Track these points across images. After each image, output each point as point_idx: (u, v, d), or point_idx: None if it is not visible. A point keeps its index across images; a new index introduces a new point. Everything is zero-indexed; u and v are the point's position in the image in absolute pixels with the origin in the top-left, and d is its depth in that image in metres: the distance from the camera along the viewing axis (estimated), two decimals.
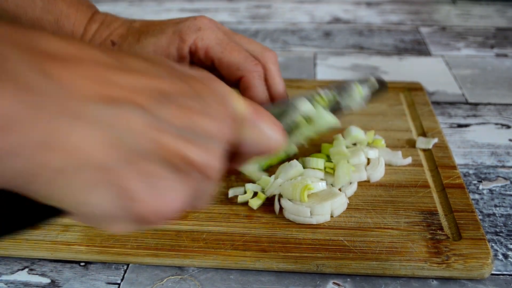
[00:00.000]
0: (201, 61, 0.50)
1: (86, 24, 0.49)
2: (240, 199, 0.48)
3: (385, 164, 0.52)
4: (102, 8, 0.55)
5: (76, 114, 0.21)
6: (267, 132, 0.32)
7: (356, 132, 0.56)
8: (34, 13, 0.48)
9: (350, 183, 0.49)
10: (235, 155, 0.34)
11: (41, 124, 0.19)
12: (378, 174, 0.50)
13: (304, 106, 0.46)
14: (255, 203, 0.46)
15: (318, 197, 0.46)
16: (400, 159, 0.52)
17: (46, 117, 0.19)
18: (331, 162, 0.51)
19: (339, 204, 0.46)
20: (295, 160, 0.49)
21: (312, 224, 0.45)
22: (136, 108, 0.23)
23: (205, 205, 0.32)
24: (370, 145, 0.55)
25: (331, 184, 0.48)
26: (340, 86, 0.51)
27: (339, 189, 0.48)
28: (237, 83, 0.50)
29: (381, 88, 0.57)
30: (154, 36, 0.48)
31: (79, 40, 0.23)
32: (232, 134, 0.29)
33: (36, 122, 0.19)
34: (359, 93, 0.52)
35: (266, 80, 0.49)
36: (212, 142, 0.26)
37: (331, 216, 0.45)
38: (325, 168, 0.50)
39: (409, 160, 0.53)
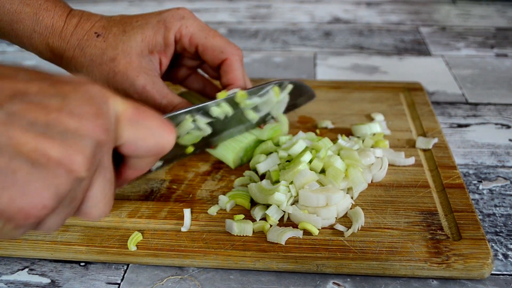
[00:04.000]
0: (185, 48, 0.52)
1: (66, 17, 0.50)
2: (259, 217, 0.46)
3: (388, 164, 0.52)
4: (102, 8, 0.55)
5: None
6: (153, 130, 0.32)
7: (377, 128, 0.57)
8: (12, 6, 0.48)
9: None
10: (131, 161, 0.34)
11: None
12: (382, 174, 0.50)
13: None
14: (274, 218, 0.45)
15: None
16: (403, 159, 0.52)
17: None
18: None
19: (344, 207, 0.45)
20: (307, 169, 0.47)
21: None
22: None
23: (105, 210, 0.31)
24: (373, 145, 0.55)
25: (346, 191, 0.48)
26: (256, 90, 0.50)
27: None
28: (219, 67, 0.52)
29: (305, 94, 0.56)
30: (140, 26, 0.50)
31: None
32: (101, 132, 0.28)
33: None
34: (276, 97, 0.51)
35: None
36: (71, 137, 0.26)
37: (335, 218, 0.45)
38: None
39: (412, 160, 0.53)
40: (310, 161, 0.49)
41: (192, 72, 0.58)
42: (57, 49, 0.50)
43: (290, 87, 0.53)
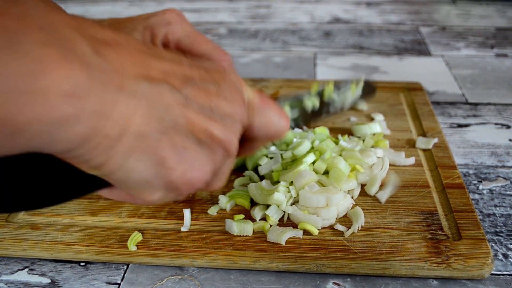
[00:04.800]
0: None
1: None
2: (259, 217, 0.45)
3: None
4: (102, 8, 0.55)
5: (121, 87, 0.24)
6: (274, 118, 0.36)
7: (376, 128, 0.57)
8: None
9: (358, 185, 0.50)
10: (247, 140, 0.38)
11: (94, 93, 0.22)
12: (383, 174, 0.50)
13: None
14: (274, 218, 0.45)
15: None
16: (404, 159, 0.52)
17: (99, 87, 0.23)
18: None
19: (345, 208, 0.45)
20: (307, 169, 0.47)
21: None
22: (170, 87, 0.27)
23: (223, 184, 0.34)
24: (373, 145, 0.55)
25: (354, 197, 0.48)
26: (337, 85, 0.56)
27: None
28: None
29: (371, 90, 0.63)
30: (127, 33, 0.49)
31: (122, 31, 0.30)
32: (245, 117, 0.32)
33: (92, 91, 0.22)
34: (352, 93, 0.58)
35: None
36: (228, 120, 0.30)
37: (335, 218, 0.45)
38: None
39: (412, 160, 0.52)
40: (314, 162, 0.49)
41: None
42: None
43: (362, 83, 0.60)
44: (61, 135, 0.22)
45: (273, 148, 0.52)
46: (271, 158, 0.51)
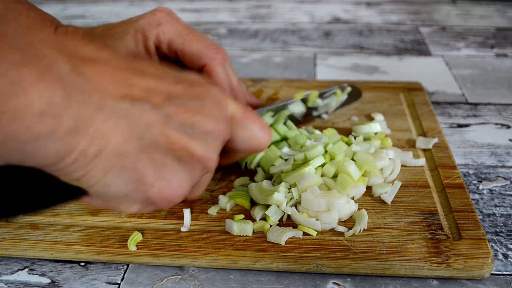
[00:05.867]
0: (165, 54, 0.51)
1: None
2: (259, 217, 0.45)
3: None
4: (102, 8, 0.55)
5: (99, 106, 0.24)
6: (256, 132, 0.37)
7: (376, 127, 0.57)
8: None
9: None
10: (228, 152, 0.38)
11: (70, 112, 0.23)
12: (393, 177, 0.50)
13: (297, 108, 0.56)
14: (274, 218, 0.45)
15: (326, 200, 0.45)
16: (412, 159, 0.52)
17: (75, 106, 0.23)
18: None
19: (348, 212, 0.45)
20: (311, 172, 0.46)
21: None
22: (151, 105, 0.27)
23: (201, 193, 0.36)
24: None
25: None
26: (324, 92, 0.59)
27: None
28: (200, 72, 0.52)
29: (357, 95, 0.64)
30: (120, 38, 0.49)
31: (105, 46, 0.31)
32: (227, 133, 0.33)
33: (67, 110, 0.23)
34: (337, 99, 0.60)
35: None
36: (209, 138, 0.31)
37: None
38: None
39: (422, 161, 0.52)
40: (323, 165, 0.48)
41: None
42: None
43: (348, 89, 0.61)
44: (37, 151, 0.23)
45: (286, 150, 0.52)
46: (286, 160, 0.51)
